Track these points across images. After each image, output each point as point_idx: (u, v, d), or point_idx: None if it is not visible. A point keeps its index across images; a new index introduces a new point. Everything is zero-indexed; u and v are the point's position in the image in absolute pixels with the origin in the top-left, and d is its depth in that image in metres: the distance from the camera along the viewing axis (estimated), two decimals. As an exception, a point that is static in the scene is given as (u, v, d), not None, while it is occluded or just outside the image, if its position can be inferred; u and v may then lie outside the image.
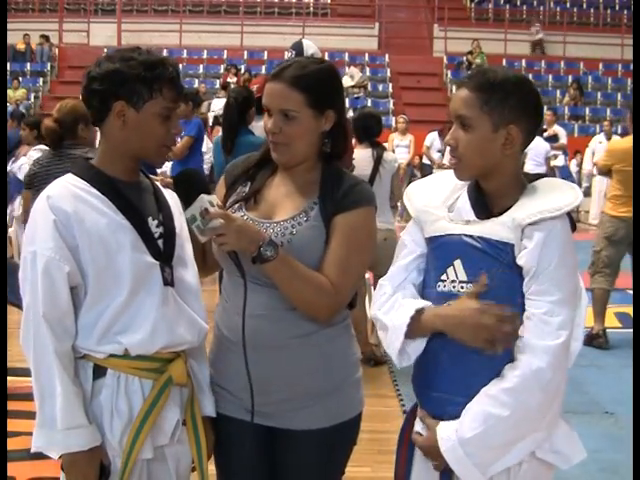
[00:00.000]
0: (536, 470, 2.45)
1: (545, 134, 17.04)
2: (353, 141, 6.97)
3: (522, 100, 2.45)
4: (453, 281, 2.47)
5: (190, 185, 2.57)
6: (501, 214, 2.45)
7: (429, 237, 2.55)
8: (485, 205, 2.51)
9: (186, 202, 2.54)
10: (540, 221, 2.39)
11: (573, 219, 2.50)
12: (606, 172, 8.00)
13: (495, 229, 2.43)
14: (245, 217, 2.65)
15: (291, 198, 2.68)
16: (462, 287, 2.45)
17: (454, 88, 2.61)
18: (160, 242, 2.60)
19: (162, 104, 2.54)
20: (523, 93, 2.47)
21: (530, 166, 15.07)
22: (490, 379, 2.40)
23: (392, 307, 2.55)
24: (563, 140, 18.06)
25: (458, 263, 2.46)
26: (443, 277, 2.49)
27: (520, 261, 2.39)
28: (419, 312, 2.48)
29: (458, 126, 2.47)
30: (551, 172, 16.48)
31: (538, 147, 15.58)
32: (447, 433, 2.40)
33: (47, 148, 9.13)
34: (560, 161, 17.98)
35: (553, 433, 2.44)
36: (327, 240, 2.62)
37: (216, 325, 2.77)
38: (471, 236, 2.45)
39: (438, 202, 2.57)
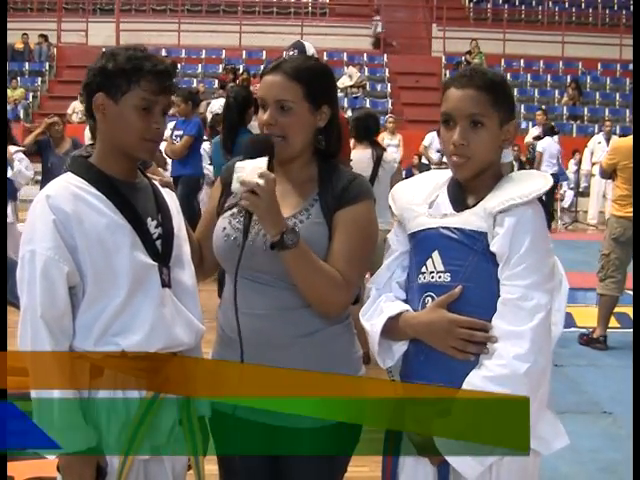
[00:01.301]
0: (521, 458, 2.45)
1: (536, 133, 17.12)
2: (352, 142, 6.97)
3: (512, 97, 2.60)
4: (432, 272, 2.53)
5: (264, 148, 2.56)
6: (476, 205, 2.52)
7: (411, 233, 2.61)
8: (462, 198, 2.58)
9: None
10: (510, 208, 2.45)
11: (547, 208, 2.55)
12: (610, 174, 7.95)
13: (470, 219, 2.50)
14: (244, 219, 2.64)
15: (290, 196, 2.68)
16: (439, 277, 2.51)
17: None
18: (158, 243, 2.59)
19: (140, 95, 2.52)
20: (510, 90, 2.62)
21: (544, 168, 15.10)
22: (470, 364, 2.44)
23: (374, 312, 2.63)
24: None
25: (436, 254, 2.52)
26: (423, 269, 2.55)
27: (493, 248, 2.45)
28: (393, 318, 2.55)
29: (467, 125, 2.51)
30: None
31: (551, 149, 15.66)
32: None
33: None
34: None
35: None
36: (330, 236, 2.63)
37: (217, 322, 2.78)
38: (448, 228, 2.52)
39: (420, 200, 2.64)
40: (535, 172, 2.67)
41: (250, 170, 2.50)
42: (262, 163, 2.51)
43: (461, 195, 2.58)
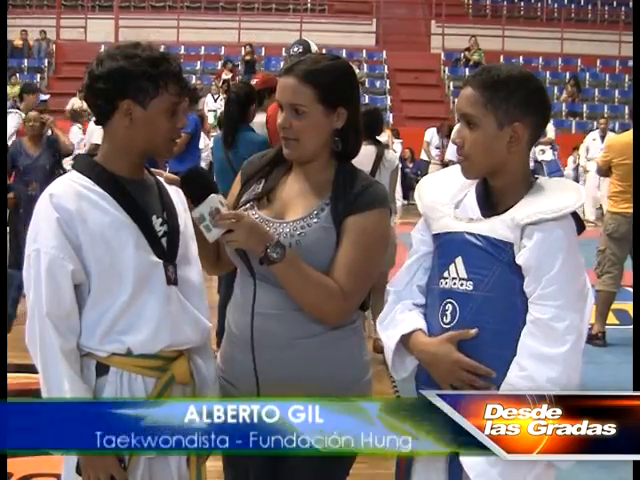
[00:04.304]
0: (538, 469, 2.43)
1: None
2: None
3: (526, 97, 2.46)
4: (454, 278, 2.48)
5: (198, 184, 2.56)
6: (505, 212, 2.45)
7: (435, 234, 2.56)
8: (491, 203, 2.51)
9: (193, 201, 2.53)
10: (540, 222, 2.39)
11: (581, 220, 2.50)
12: (606, 171, 7.97)
13: (496, 227, 2.43)
14: (256, 216, 2.64)
15: (303, 197, 2.66)
16: (462, 284, 2.46)
17: (451, 84, 2.63)
18: (164, 241, 2.59)
19: (169, 100, 2.54)
20: (527, 90, 2.47)
21: None
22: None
23: (390, 323, 2.60)
24: (550, 135, 18.13)
25: (459, 260, 2.47)
26: (445, 274, 2.51)
27: (519, 260, 2.40)
28: (406, 336, 2.53)
29: (464, 125, 2.47)
30: (539, 166, 16.64)
31: None
32: (473, 458, 2.37)
33: None
34: (548, 155, 18.05)
35: None
36: (338, 242, 2.60)
37: (227, 322, 2.78)
38: (473, 234, 2.46)
39: (446, 199, 2.57)
40: (569, 183, 2.58)
41: (209, 215, 2.49)
42: (216, 203, 2.50)
43: (489, 199, 2.51)
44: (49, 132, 8.65)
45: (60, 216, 2.47)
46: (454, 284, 2.48)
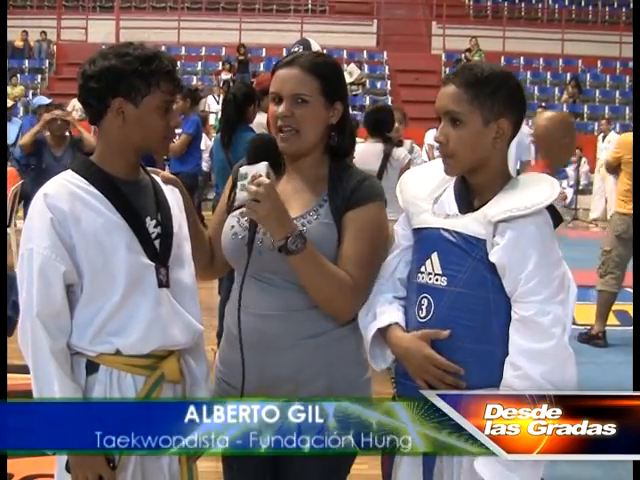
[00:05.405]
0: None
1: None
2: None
3: (510, 93, 2.51)
4: (429, 273, 2.52)
5: (263, 148, 2.57)
6: (479, 209, 2.48)
7: (414, 229, 2.59)
8: (468, 199, 2.54)
9: (250, 160, 2.55)
10: (511, 219, 2.41)
11: (557, 212, 2.51)
12: (614, 168, 7.91)
13: (470, 224, 2.47)
14: None
15: (299, 195, 2.67)
16: (437, 280, 2.50)
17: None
18: (157, 242, 2.59)
19: (161, 97, 2.54)
20: (510, 87, 2.52)
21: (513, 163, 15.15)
22: (467, 374, 2.44)
23: (370, 315, 2.62)
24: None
25: (435, 256, 2.51)
26: (422, 269, 2.54)
27: (492, 258, 2.43)
28: (382, 330, 2.57)
29: (447, 122, 2.49)
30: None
31: (523, 138, 15.68)
32: (487, 464, 2.38)
33: None
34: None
35: None
36: (339, 237, 2.62)
37: (225, 322, 2.78)
38: (448, 230, 2.49)
39: (425, 194, 2.60)
40: (544, 177, 2.60)
41: (251, 177, 2.49)
42: (261, 169, 2.50)
43: (467, 196, 2.54)
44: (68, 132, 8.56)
45: (54, 216, 2.48)
46: (429, 279, 2.51)
